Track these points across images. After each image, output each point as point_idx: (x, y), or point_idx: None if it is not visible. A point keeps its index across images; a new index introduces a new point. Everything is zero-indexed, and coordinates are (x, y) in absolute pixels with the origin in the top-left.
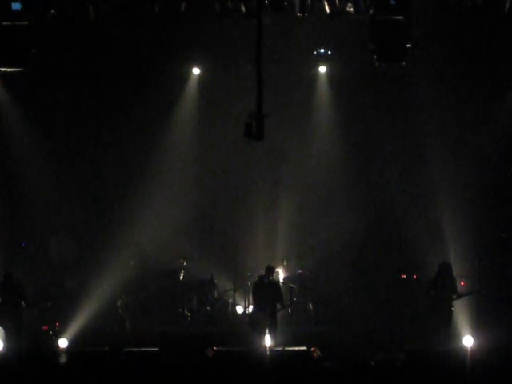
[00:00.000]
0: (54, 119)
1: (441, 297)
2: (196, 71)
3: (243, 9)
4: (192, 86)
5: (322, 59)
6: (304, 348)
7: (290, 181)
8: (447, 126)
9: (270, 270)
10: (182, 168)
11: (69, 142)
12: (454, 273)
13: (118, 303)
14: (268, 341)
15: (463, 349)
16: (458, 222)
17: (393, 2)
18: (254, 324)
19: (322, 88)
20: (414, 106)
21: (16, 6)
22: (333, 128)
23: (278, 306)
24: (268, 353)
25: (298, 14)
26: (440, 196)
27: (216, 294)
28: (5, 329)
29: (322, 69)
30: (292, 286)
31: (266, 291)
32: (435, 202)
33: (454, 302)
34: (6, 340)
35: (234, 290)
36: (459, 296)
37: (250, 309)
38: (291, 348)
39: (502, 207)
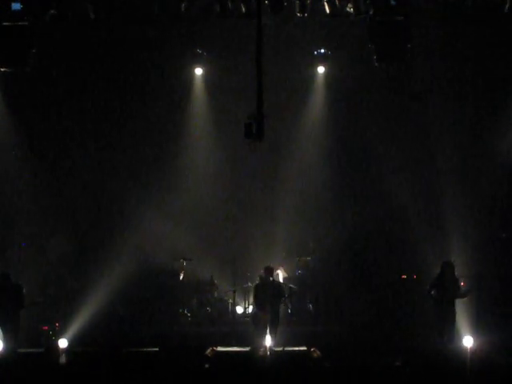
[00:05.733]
0: (54, 119)
1: (444, 296)
2: (198, 71)
3: (243, 9)
4: (195, 87)
5: (322, 59)
6: (304, 348)
7: (290, 181)
8: (448, 126)
9: (269, 271)
10: (182, 168)
11: (69, 142)
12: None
13: (118, 305)
14: (268, 341)
15: (463, 349)
16: (458, 221)
17: (393, 2)
18: (256, 323)
19: (323, 88)
20: (415, 105)
21: (16, 5)
22: (333, 128)
23: (280, 302)
24: (268, 353)
25: (298, 14)
26: (440, 196)
27: (216, 294)
28: (3, 329)
29: (322, 69)
30: (292, 286)
31: (267, 291)
32: (435, 202)
33: (456, 302)
34: (5, 340)
35: (234, 290)
36: (461, 296)
37: (250, 309)
38: (291, 348)
39: (503, 207)
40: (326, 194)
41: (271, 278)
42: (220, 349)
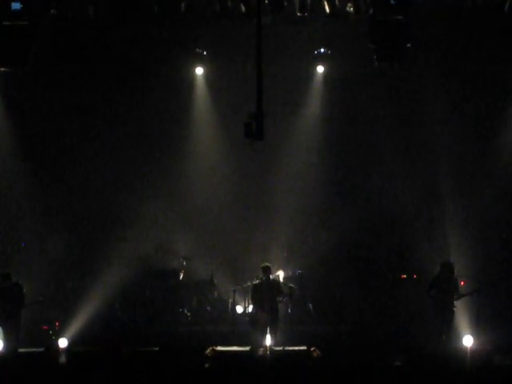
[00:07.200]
0: (54, 119)
1: (443, 297)
2: (199, 71)
3: (243, 9)
4: (196, 87)
5: (322, 59)
6: (304, 348)
7: (290, 180)
8: (448, 126)
9: (267, 270)
10: (182, 168)
11: (69, 142)
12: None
13: (117, 305)
14: (268, 341)
15: (463, 349)
16: (458, 221)
17: (393, 2)
18: (255, 323)
19: (322, 88)
20: (415, 105)
21: (16, 5)
22: (333, 127)
23: (279, 297)
24: (268, 353)
25: (298, 13)
26: (440, 196)
27: (216, 294)
28: (3, 329)
29: (322, 69)
30: (292, 286)
31: (266, 290)
32: (435, 202)
33: (455, 302)
34: (5, 340)
35: (234, 290)
36: (461, 296)
37: (250, 309)
38: (291, 348)
39: (503, 207)
40: (326, 194)
41: (270, 277)
42: (220, 348)
